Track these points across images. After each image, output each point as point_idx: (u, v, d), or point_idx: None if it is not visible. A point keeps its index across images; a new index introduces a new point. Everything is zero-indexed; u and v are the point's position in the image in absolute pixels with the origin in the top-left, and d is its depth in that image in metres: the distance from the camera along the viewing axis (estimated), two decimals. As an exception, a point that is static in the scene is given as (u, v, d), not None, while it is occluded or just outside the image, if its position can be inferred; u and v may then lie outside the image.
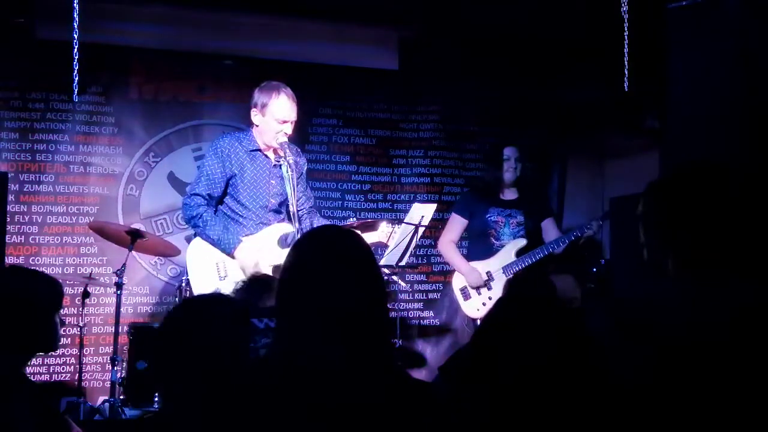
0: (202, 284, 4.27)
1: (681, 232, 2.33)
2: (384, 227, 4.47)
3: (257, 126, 4.38)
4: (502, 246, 5.31)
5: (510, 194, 5.41)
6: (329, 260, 1.86)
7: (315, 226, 4.43)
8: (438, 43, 6.33)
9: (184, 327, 2.16)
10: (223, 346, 2.10)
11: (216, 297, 2.53)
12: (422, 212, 4.59)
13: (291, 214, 4.19)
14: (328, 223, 4.76)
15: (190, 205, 4.34)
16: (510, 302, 2.17)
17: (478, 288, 5.27)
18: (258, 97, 4.36)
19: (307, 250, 1.93)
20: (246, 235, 4.30)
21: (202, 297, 2.61)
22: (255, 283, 3.12)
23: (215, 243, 4.28)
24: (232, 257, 4.26)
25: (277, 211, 4.43)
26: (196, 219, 4.31)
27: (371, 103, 6.47)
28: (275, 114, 4.30)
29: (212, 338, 2.11)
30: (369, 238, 4.26)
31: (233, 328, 2.16)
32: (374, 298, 1.85)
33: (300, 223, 4.20)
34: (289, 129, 4.33)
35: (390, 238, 4.44)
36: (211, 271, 4.28)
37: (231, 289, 3.88)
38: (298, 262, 1.89)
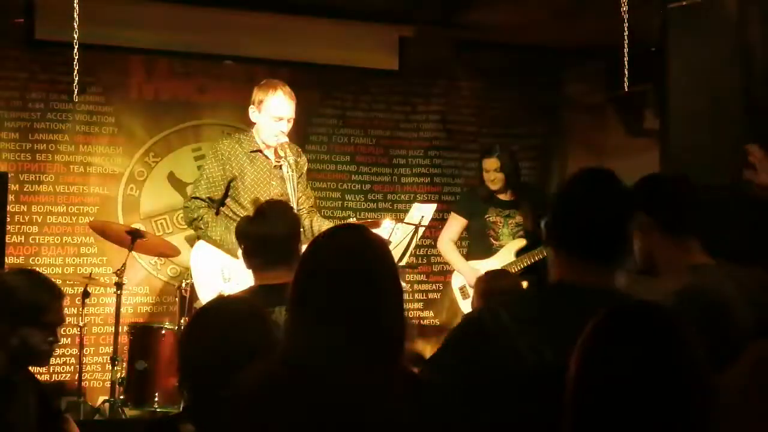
0: (206, 287, 4.27)
1: None
2: (386, 224, 4.47)
3: (255, 124, 4.39)
4: (502, 246, 5.31)
5: (508, 195, 5.40)
6: (343, 258, 1.85)
7: (315, 225, 4.44)
8: (438, 43, 6.33)
9: (213, 326, 2.17)
10: (246, 346, 2.10)
11: (240, 298, 2.57)
12: (422, 212, 4.59)
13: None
14: (328, 222, 4.75)
15: (190, 208, 4.35)
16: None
17: (477, 288, 5.27)
18: (256, 94, 4.37)
19: (321, 247, 1.92)
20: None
21: (229, 298, 2.62)
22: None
23: (218, 244, 4.28)
24: (237, 257, 4.25)
25: (278, 212, 4.44)
26: (197, 221, 4.31)
27: (371, 103, 6.46)
28: (271, 110, 4.30)
29: (237, 339, 2.12)
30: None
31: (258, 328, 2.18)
32: (388, 296, 1.85)
33: (300, 223, 4.20)
34: (285, 127, 4.32)
35: (392, 234, 4.43)
36: (216, 273, 4.28)
37: (236, 291, 3.89)
38: (311, 260, 1.89)
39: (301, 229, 3.95)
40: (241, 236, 3.31)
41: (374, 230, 4.31)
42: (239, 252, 4.21)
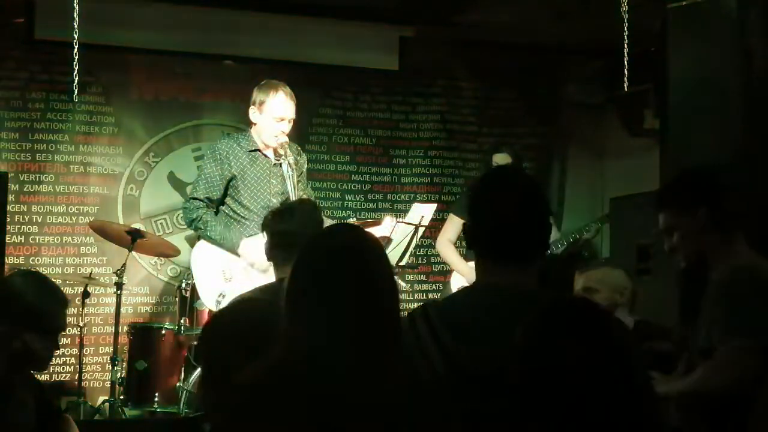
0: (207, 287, 4.28)
1: None
2: (388, 222, 4.48)
3: (255, 124, 4.39)
4: (502, 246, 5.31)
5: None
6: (338, 256, 1.87)
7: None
8: (438, 43, 6.33)
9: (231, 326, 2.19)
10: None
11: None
12: (422, 212, 4.59)
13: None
14: (329, 222, 4.75)
15: (189, 209, 4.37)
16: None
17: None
18: (256, 94, 4.37)
19: (316, 245, 1.95)
20: (249, 236, 4.29)
21: (244, 301, 2.63)
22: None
23: (218, 243, 4.28)
24: (238, 255, 4.26)
25: (279, 211, 4.45)
26: (196, 222, 4.32)
27: (371, 103, 6.46)
28: (272, 111, 4.31)
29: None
30: (373, 233, 4.26)
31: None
32: (383, 293, 1.87)
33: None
34: (285, 127, 4.33)
35: (393, 232, 4.44)
36: (217, 273, 4.29)
37: (236, 291, 3.89)
38: (307, 258, 1.91)
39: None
40: (265, 228, 3.39)
41: (375, 228, 4.34)
42: (239, 250, 4.24)
